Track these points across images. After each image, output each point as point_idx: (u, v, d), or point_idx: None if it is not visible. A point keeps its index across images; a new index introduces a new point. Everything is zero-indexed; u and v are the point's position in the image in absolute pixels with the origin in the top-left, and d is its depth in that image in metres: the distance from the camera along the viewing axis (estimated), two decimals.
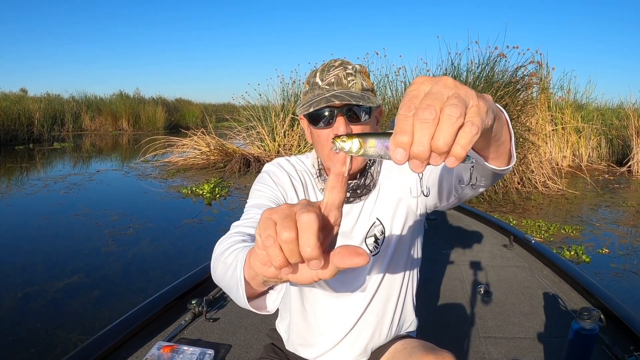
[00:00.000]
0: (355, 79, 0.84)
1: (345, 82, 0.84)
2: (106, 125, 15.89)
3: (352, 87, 0.83)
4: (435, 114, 0.35)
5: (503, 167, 0.57)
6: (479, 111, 0.37)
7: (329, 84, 0.84)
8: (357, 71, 0.85)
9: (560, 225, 4.60)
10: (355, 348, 1.03)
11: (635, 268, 3.50)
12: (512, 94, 6.52)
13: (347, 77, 0.84)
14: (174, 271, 3.16)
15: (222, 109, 20.10)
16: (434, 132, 0.35)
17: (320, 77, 0.85)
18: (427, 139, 0.35)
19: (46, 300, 2.70)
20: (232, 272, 0.60)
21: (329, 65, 0.86)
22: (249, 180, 6.81)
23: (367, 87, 0.86)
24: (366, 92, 0.85)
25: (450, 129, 0.35)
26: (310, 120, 0.86)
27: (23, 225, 4.39)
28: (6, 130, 11.26)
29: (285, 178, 0.95)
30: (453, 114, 0.35)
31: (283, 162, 1.00)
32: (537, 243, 2.42)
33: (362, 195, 0.94)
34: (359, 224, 0.96)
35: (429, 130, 0.35)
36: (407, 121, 0.35)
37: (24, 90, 18.26)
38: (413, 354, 0.91)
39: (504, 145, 0.54)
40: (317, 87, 0.85)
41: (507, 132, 0.54)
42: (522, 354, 1.51)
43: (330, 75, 0.84)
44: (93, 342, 1.35)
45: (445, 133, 0.35)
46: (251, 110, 8.59)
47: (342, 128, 0.82)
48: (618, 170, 8.71)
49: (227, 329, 1.60)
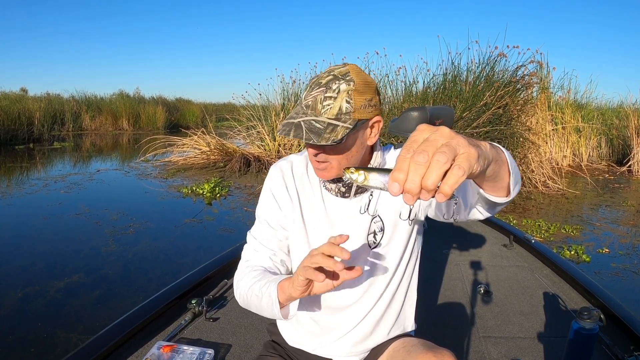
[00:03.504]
0: (334, 102, 0.81)
1: (320, 107, 0.82)
2: (106, 125, 15.88)
3: (325, 114, 0.81)
4: (427, 158, 0.43)
5: (501, 197, 0.66)
6: (468, 157, 0.44)
7: (306, 105, 0.83)
8: (342, 91, 0.81)
9: (561, 224, 4.60)
10: (354, 346, 1.04)
11: (635, 268, 3.50)
12: (512, 93, 6.52)
13: (324, 101, 0.82)
14: (174, 271, 3.16)
15: (222, 109, 20.09)
16: (424, 173, 0.42)
17: (305, 94, 0.85)
18: (418, 178, 0.43)
19: (46, 300, 2.71)
20: (267, 300, 0.89)
21: (316, 82, 0.84)
22: (249, 180, 6.81)
23: (348, 110, 0.82)
24: (343, 115, 0.81)
25: (438, 171, 0.42)
26: None
27: (23, 224, 4.40)
28: (6, 129, 11.26)
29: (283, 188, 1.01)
30: (441, 160, 0.42)
31: (283, 167, 1.03)
32: (537, 243, 2.42)
33: (357, 193, 0.95)
34: (360, 220, 0.96)
35: (420, 171, 0.43)
36: (405, 161, 0.44)
37: (24, 89, 18.29)
38: (412, 352, 0.92)
39: (501, 182, 0.63)
40: (299, 104, 0.86)
41: (505, 171, 0.61)
42: (522, 354, 1.51)
43: (310, 96, 0.83)
44: (93, 341, 1.35)
45: (433, 175, 0.42)
46: (251, 110, 8.60)
47: (310, 150, 0.86)
48: (618, 169, 8.70)
49: (227, 329, 1.60)
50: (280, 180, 1.02)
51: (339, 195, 0.96)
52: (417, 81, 7.40)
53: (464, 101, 6.35)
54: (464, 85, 6.71)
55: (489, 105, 6.20)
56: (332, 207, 0.97)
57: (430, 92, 7.00)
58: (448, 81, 6.96)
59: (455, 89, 6.78)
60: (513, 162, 0.65)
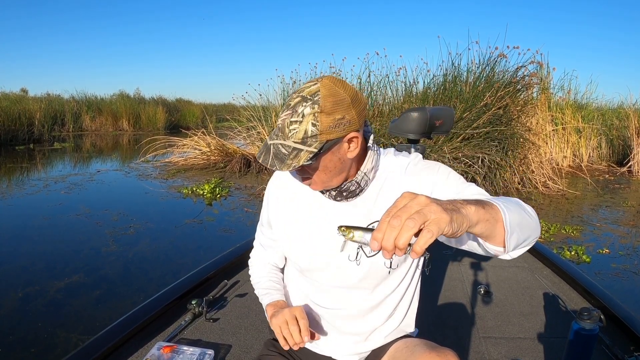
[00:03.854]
0: (300, 126, 0.80)
1: (287, 131, 0.81)
2: (106, 126, 15.88)
3: (291, 137, 0.81)
4: (400, 222, 0.52)
5: (499, 248, 0.69)
6: (438, 222, 0.53)
7: (278, 127, 0.84)
8: (307, 114, 0.80)
9: (561, 225, 4.60)
10: (355, 345, 1.04)
11: (635, 268, 3.50)
12: (512, 94, 6.52)
13: (290, 126, 0.81)
14: (174, 271, 3.16)
15: (223, 109, 20.11)
16: (397, 235, 0.52)
17: (280, 113, 0.85)
18: (392, 239, 0.52)
19: (46, 300, 2.71)
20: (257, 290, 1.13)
21: (288, 103, 0.83)
22: (250, 181, 6.81)
23: (314, 133, 0.80)
24: (309, 139, 0.80)
25: (407, 234, 0.52)
26: None
27: (23, 225, 4.40)
28: (6, 130, 11.26)
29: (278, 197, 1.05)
30: (409, 225, 0.52)
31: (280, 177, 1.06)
32: (537, 243, 2.41)
33: (348, 197, 0.95)
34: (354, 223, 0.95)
35: (394, 233, 0.52)
36: (383, 224, 0.54)
37: (24, 90, 18.32)
38: (415, 352, 0.92)
39: (494, 239, 0.67)
40: (275, 123, 0.88)
41: (500, 229, 0.65)
42: (522, 354, 1.51)
43: (280, 118, 0.84)
44: (93, 342, 1.35)
45: (403, 237, 0.52)
46: (251, 111, 8.59)
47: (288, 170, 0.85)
48: (618, 170, 8.70)
49: (227, 329, 1.60)
50: (276, 185, 1.06)
51: (331, 199, 0.96)
52: (417, 82, 7.41)
53: (464, 102, 6.35)
54: (464, 85, 6.71)
55: (489, 106, 6.20)
56: (329, 208, 0.98)
57: (431, 93, 7.01)
58: (448, 82, 6.96)
59: (455, 90, 6.79)
60: (519, 221, 0.68)
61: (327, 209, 0.97)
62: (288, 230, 1.03)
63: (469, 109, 6.23)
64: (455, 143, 6.03)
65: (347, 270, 0.97)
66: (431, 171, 0.93)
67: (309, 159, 0.81)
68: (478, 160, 5.79)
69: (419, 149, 2.06)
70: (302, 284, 1.08)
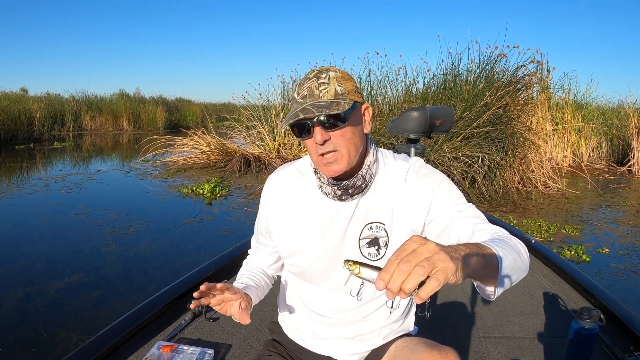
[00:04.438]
0: (328, 86, 0.86)
1: (317, 92, 0.86)
2: (106, 125, 15.87)
3: (324, 96, 0.85)
4: (409, 268, 0.52)
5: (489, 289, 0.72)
6: (445, 271, 0.53)
7: (303, 97, 0.87)
8: (332, 78, 0.87)
9: (561, 224, 4.60)
10: (355, 345, 1.04)
11: (635, 268, 3.50)
12: (512, 93, 6.52)
13: (319, 87, 0.86)
14: (174, 270, 3.16)
15: (223, 109, 20.09)
16: (405, 279, 0.52)
17: (297, 92, 0.89)
18: (399, 282, 0.53)
19: (47, 299, 2.71)
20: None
21: (305, 78, 0.89)
22: (249, 180, 6.81)
23: (343, 92, 0.87)
24: (341, 96, 0.86)
25: (415, 280, 0.52)
26: (295, 133, 0.91)
27: (23, 224, 4.40)
28: (6, 129, 11.26)
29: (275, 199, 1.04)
30: (419, 272, 0.52)
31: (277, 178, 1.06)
32: (537, 243, 2.42)
33: (353, 195, 0.94)
34: (352, 224, 0.96)
35: (402, 277, 0.52)
36: (392, 265, 0.54)
37: (24, 89, 18.30)
38: (416, 350, 0.92)
39: (487, 283, 0.71)
40: (294, 102, 0.89)
41: (494, 278, 0.69)
42: (522, 354, 1.51)
43: (304, 88, 0.87)
44: (93, 341, 1.35)
45: (410, 282, 0.52)
46: (251, 110, 8.60)
47: (319, 137, 0.85)
48: (618, 169, 8.70)
49: (227, 329, 1.60)
50: (272, 192, 1.05)
51: (335, 199, 0.96)
52: (417, 81, 7.42)
53: (464, 101, 6.35)
54: (464, 85, 6.71)
55: (489, 105, 6.20)
56: (329, 208, 0.97)
57: (431, 92, 7.01)
58: (448, 81, 6.96)
59: (455, 89, 6.79)
60: (512, 267, 0.71)
61: (327, 210, 0.97)
62: (287, 229, 1.01)
63: (469, 109, 6.22)
64: (455, 142, 6.03)
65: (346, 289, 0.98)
66: (433, 181, 0.93)
67: (348, 109, 0.84)
68: (478, 159, 5.79)
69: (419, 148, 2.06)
70: (299, 288, 1.08)
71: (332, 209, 0.97)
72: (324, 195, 0.97)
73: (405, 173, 0.95)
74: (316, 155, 0.89)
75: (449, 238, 0.88)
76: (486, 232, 0.83)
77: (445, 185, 0.93)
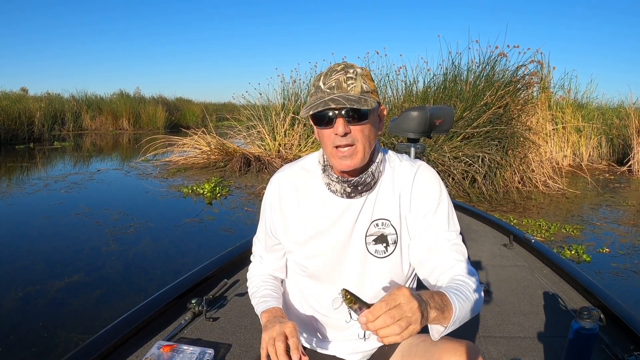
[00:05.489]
0: (356, 82, 0.88)
1: (345, 85, 0.87)
2: (107, 125, 15.87)
3: (352, 91, 0.87)
4: (391, 322, 0.63)
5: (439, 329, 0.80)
6: (412, 332, 0.65)
7: (330, 87, 0.88)
8: (359, 74, 0.89)
9: (561, 224, 4.60)
10: (358, 345, 1.05)
11: (636, 267, 3.50)
12: (512, 93, 6.52)
13: (348, 81, 0.88)
14: (174, 270, 3.16)
15: (223, 108, 20.10)
16: (384, 327, 0.64)
17: (323, 81, 0.90)
18: (377, 327, 0.64)
19: (47, 299, 2.71)
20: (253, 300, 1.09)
21: (332, 69, 0.90)
22: (250, 180, 6.81)
23: (368, 90, 0.89)
24: (366, 94, 0.88)
25: (389, 335, 0.64)
26: (315, 121, 0.91)
27: (24, 224, 4.40)
28: (7, 129, 11.26)
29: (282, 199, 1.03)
30: (395, 331, 0.64)
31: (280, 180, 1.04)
32: (537, 242, 2.42)
33: (362, 192, 0.95)
34: (359, 221, 0.97)
35: (382, 325, 0.64)
36: (379, 311, 0.64)
37: (24, 89, 18.29)
38: (437, 344, 0.89)
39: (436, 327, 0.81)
40: (319, 91, 0.89)
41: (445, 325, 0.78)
42: (522, 354, 1.51)
43: (332, 79, 0.88)
44: (93, 341, 1.35)
45: (385, 332, 0.64)
46: (252, 110, 8.60)
47: (341, 128, 0.86)
48: (618, 169, 8.70)
49: (227, 329, 1.60)
50: (278, 193, 1.03)
51: (344, 196, 0.96)
52: (417, 81, 7.42)
53: (464, 101, 6.35)
54: (464, 84, 6.70)
55: (490, 105, 6.20)
56: (335, 206, 0.98)
57: (431, 92, 7.00)
58: (448, 81, 6.96)
59: (455, 89, 6.78)
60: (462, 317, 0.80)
61: (335, 207, 0.97)
62: (298, 229, 1.01)
63: (469, 108, 6.22)
64: (455, 142, 6.03)
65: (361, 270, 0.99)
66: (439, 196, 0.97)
67: (374, 106, 0.87)
68: (478, 159, 5.78)
69: (418, 148, 2.06)
70: (303, 287, 1.07)
71: (339, 206, 0.97)
72: (331, 192, 0.97)
73: (413, 175, 0.97)
74: (331, 146, 0.90)
75: (427, 260, 0.94)
76: (459, 273, 0.90)
77: (446, 205, 0.97)
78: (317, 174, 1.00)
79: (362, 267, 0.98)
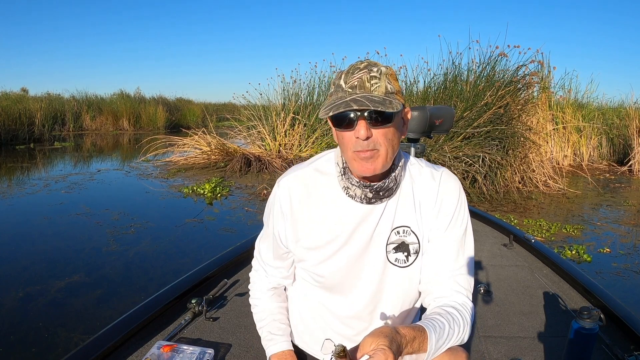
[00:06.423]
0: (380, 82, 0.81)
1: (368, 85, 0.81)
2: (107, 125, 15.89)
3: (375, 91, 0.81)
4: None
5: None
6: None
7: (352, 87, 0.81)
8: (383, 73, 0.82)
9: (562, 224, 4.60)
10: None
11: (636, 267, 3.50)
12: (513, 93, 6.52)
13: (371, 81, 0.81)
14: (175, 270, 3.16)
15: (223, 109, 20.11)
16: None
17: (344, 80, 0.83)
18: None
19: (47, 299, 2.71)
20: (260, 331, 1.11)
21: (355, 67, 0.83)
22: (250, 180, 6.81)
23: (392, 90, 0.82)
24: (390, 95, 0.82)
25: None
26: (334, 122, 0.85)
27: (24, 224, 4.40)
28: (7, 129, 11.27)
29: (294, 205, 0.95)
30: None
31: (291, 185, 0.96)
32: (537, 242, 2.41)
33: (383, 197, 0.90)
34: (379, 228, 0.92)
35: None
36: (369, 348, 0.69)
37: (24, 89, 18.26)
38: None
39: None
40: (340, 90, 0.83)
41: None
42: (522, 354, 1.51)
43: (354, 78, 0.82)
44: (93, 341, 1.35)
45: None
46: (252, 110, 8.60)
47: (362, 131, 0.80)
48: (619, 169, 8.70)
49: (227, 328, 1.60)
50: (290, 197, 0.95)
51: (364, 202, 0.90)
52: (417, 81, 7.42)
53: (464, 101, 6.35)
54: (464, 84, 6.70)
55: (490, 105, 6.20)
56: (355, 215, 0.92)
57: (431, 92, 7.00)
58: (449, 81, 6.96)
59: (456, 89, 6.78)
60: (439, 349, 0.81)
61: (354, 213, 0.92)
62: (313, 237, 0.94)
63: (470, 108, 6.22)
64: (455, 142, 6.03)
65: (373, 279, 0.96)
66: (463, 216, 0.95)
67: (399, 108, 0.80)
68: (479, 159, 5.78)
69: (419, 147, 2.06)
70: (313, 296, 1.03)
71: (358, 212, 0.91)
72: (349, 197, 0.91)
73: (438, 183, 0.94)
74: (351, 150, 0.83)
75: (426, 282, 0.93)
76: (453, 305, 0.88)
77: (465, 227, 0.95)
78: (333, 176, 0.93)
79: (382, 276, 0.93)
